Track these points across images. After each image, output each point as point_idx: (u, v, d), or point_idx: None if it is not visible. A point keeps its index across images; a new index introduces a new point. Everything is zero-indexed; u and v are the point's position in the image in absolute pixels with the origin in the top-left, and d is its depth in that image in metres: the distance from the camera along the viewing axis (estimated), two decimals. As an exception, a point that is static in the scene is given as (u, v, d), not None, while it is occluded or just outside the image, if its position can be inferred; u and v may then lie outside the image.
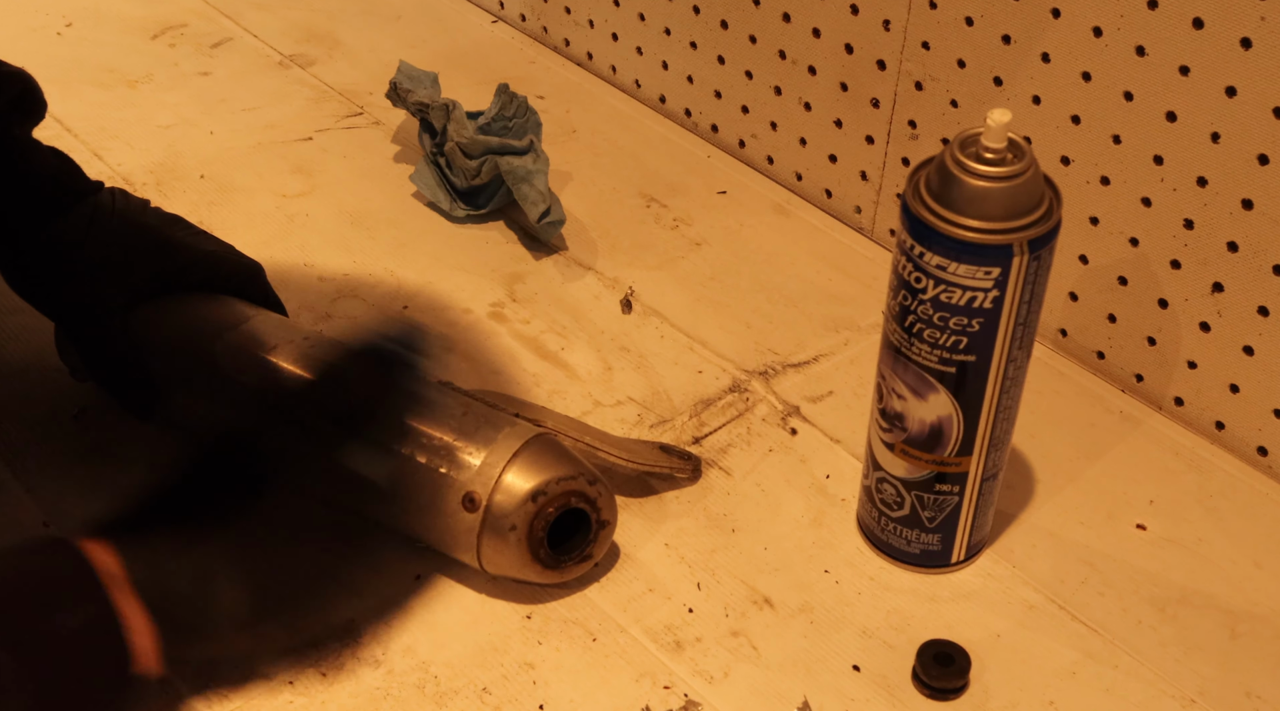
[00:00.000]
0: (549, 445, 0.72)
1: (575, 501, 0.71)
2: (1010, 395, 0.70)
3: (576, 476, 0.71)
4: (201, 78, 1.10)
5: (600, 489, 0.72)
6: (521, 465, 0.70)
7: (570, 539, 0.72)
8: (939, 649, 0.71)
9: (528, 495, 0.70)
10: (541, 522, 0.70)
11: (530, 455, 0.71)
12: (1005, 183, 0.65)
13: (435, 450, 0.71)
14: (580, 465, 0.72)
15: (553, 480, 0.70)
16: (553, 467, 0.71)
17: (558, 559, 0.71)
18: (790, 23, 0.95)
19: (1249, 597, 0.75)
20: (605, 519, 0.72)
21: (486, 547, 0.70)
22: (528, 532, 0.70)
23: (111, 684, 0.61)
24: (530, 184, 0.93)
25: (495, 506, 0.70)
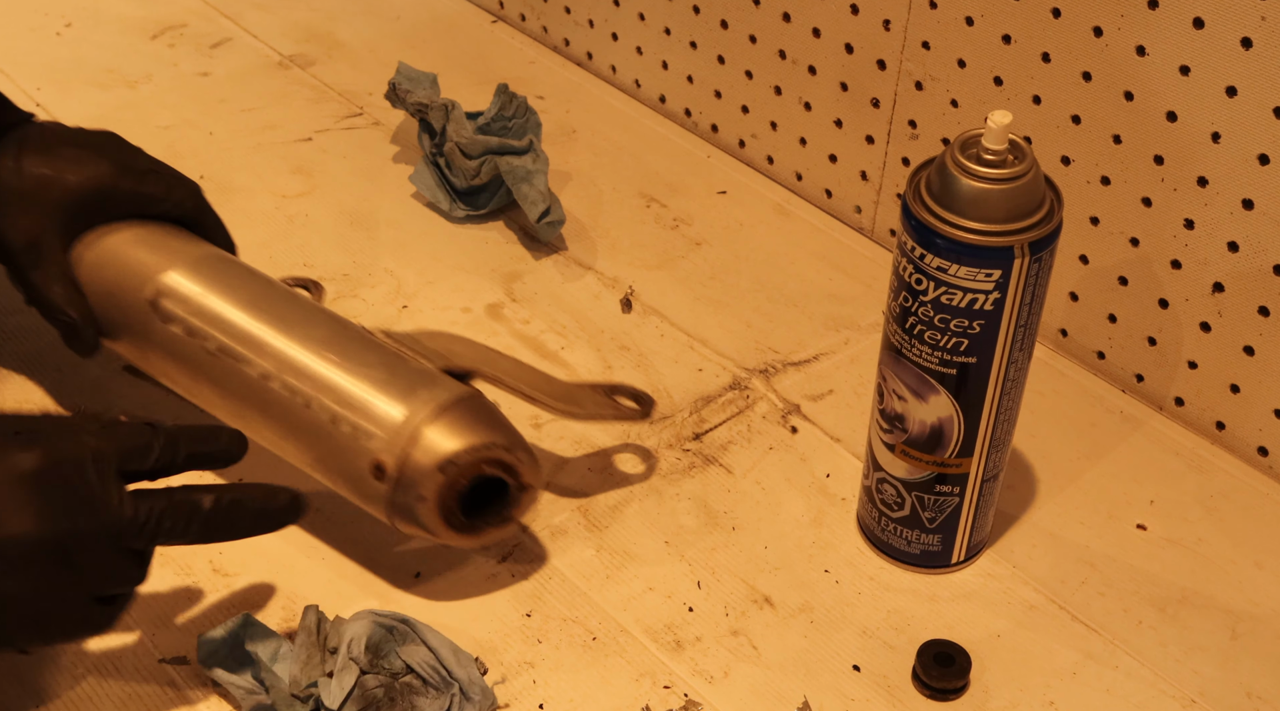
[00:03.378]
0: (467, 409, 0.69)
1: (490, 469, 0.68)
2: (1011, 396, 0.70)
3: (492, 445, 0.68)
4: (201, 78, 1.09)
5: (520, 454, 0.69)
6: (434, 433, 0.68)
7: (491, 502, 0.70)
8: (939, 649, 0.71)
9: (436, 466, 0.67)
10: (453, 494, 0.68)
11: (445, 421, 0.68)
12: (1006, 184, 0.65)
13: (348, 408, 0.69)
14: (498, 431, 0.69)
15: (465, 450, 0.68)
16: (466, 435, 0.68)
17: (473, 525, 0.69)
18: (790, 23, 0.95)
19: (1249, 597, 0.76)
20: (526, 483, 0.70)
21: (398, 515, 0.69)
22: (438, 503, 0.68)
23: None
24: (530, 184, 0.93)
25: (404, 477, 0.68)
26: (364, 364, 0.71)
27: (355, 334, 0.73)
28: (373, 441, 0.68)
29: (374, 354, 0.72)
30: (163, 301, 0.74)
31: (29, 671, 0.68)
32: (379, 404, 0.69)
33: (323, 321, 0.74)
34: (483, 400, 0.71)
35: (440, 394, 0.69)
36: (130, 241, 0.77)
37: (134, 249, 0.77)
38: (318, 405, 0.70)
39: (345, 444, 0.69)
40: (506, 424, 0.70)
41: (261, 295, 0.75)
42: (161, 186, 0.78)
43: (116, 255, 0.76)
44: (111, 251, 0.77)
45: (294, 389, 0.71)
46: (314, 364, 0.71)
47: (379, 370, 0.71)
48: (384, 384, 0.70)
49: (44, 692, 0.68)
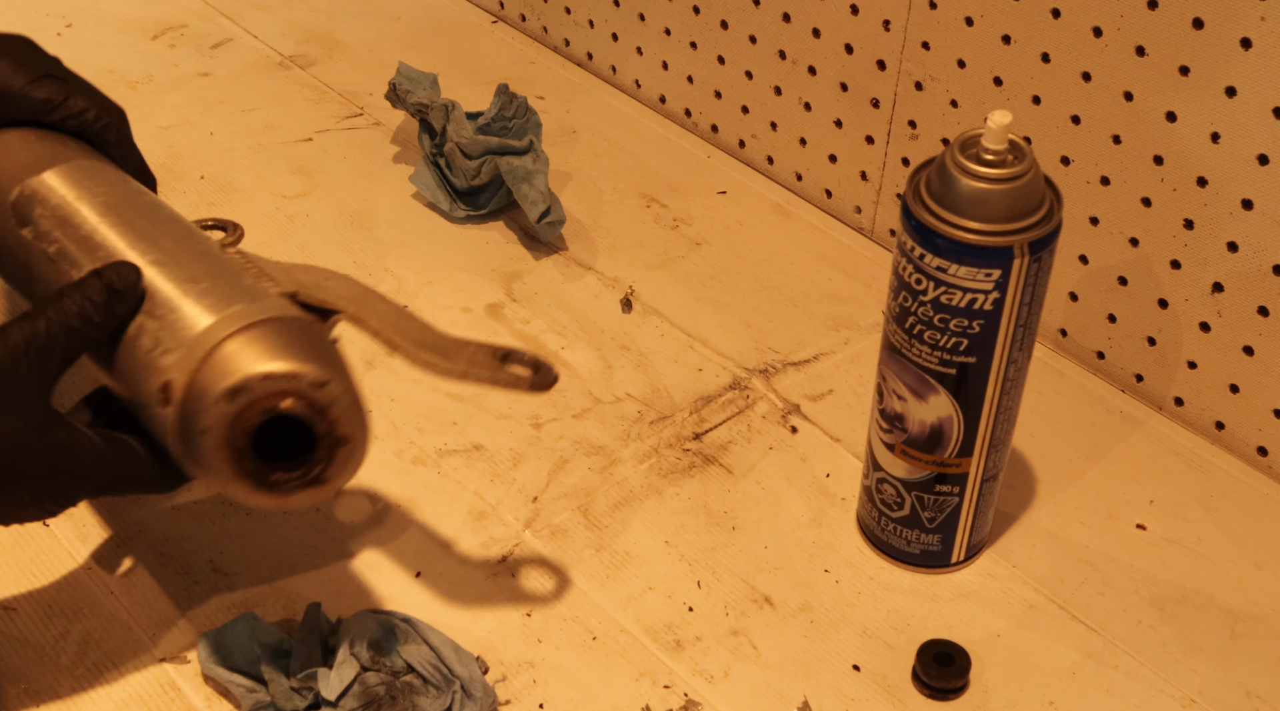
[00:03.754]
0: (278, 331, 0.59)
1: (290, 405, 0.57)
2: (1010, 396, 0.70)
3: (294, 375, 0.57)
4: (201, 78, 1.10)
5: (334, 392, 0.58)
6: (230, 353, 0.57)
7: (298, 456, 0.59)
8: (939, 649, 0.71)
9: (224, 393, 0.57)
10: (241, 429, 0.57)
11: (245, 341, 0.58)
12: (1006, 184, 0.65)
13: (152, 318, 0.60)
14: (312, 361, 0.58)
15: (258, 376, 0.57)
16: (266, 359, 0.57)
17: (271, 477, 0.58)
18: (790, 23, 0.95)
19: (1249, 597, 0.76)
20: (342, 434, 0.58)
21: (186, 452, 0.59)
22: (225, 437, 0.57)
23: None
24: (530, 184, 0.93)
25: (189, 402, 0.57)
26: (190, 277, 0.62)
27: (202, 249, 0.64)
28: (165, 357, 0.59)
29: (206, 266, 0.63)
30: (22, 206, 0.67)
31: (29, 670, 0.69)
32: (183, 316, 0.60)
33: (172, 234, 0.65)
34: (310, 327, 0.61)
35: (254, 310, 0.59)
36: (12, 142, 0.70)
37: (13, 150, 0.70)
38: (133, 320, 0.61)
39: (143, 359, 0.60)
40: (333, 357, 0.59)
41: (118, 203, 0.67)
42: (60, 92, 0.71)
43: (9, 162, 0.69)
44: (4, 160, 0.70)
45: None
46: (145, 263, 0.63)
47: (202, 283, 0.61)
48: (198, 296, 0.61)
49: (44, 692, 0.68)
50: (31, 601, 0.72)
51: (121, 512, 0.76)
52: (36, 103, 0.71)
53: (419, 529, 0.77)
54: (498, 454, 0.81)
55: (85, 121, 0.72)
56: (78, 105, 0.71)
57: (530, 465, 0.81)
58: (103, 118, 0.72)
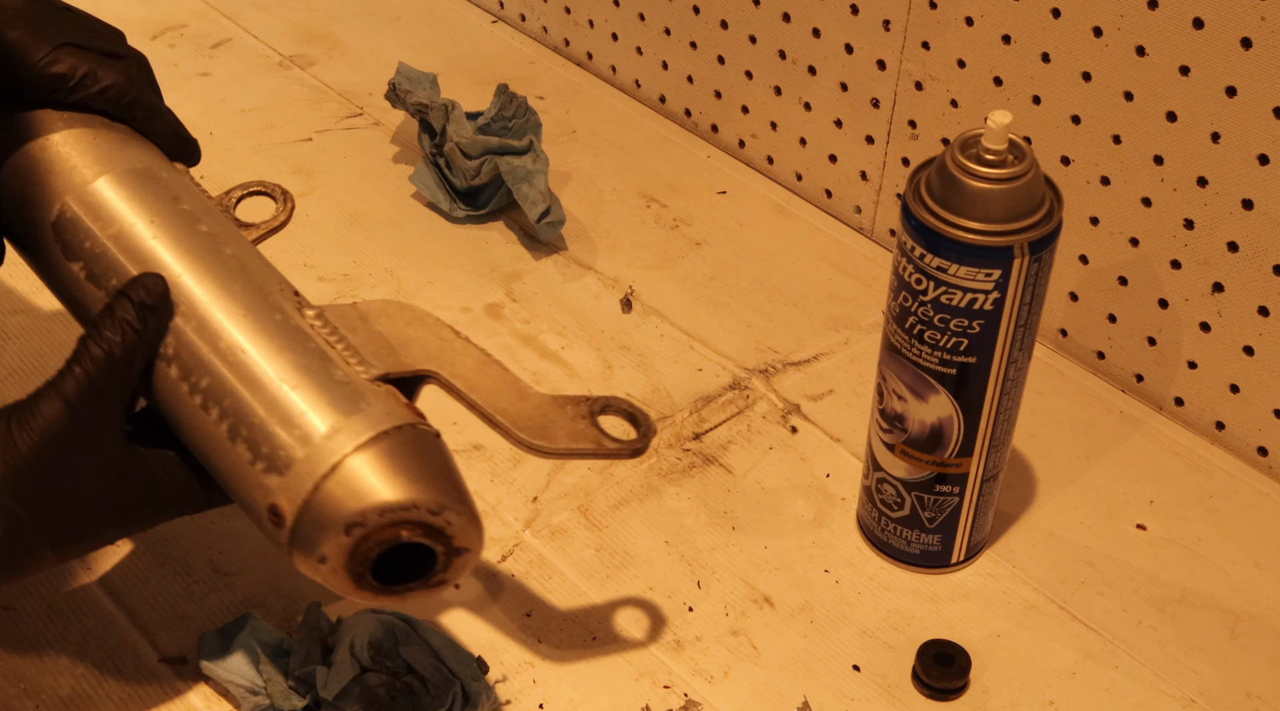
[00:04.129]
0: (390, 451, 0.56)
1: (408, 535, 0.55)
2: (1010, 396, 0.70)
3: (411, 505, 0.55)
4: (201, 78, 1.09)
5: (449, 517, 0.56)
6: (342, 480, 0.55)
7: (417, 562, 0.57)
8: (939, 649, 0.71)
9: (341, 527, 0.55)
10: (360, 560, 0.55)
11: (356, 466, 0.55)
12: (1006, 184, 0.65)
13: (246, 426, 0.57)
14: (426, 484, 0.56)
15: (374, 510, 0.55)
16: (382, 489, 0.55)
17: (393, 590, 0.57)
18: (790, 23, 0.95)
19: (1249, 597, 0.76)
20: (460, 547, 0.57)
21: (301, 568, 0.57)
22: (345, 566, 0.56)
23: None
24: (530, 184, 0.93)
25: (303, 531, 0.55)
26: (279, 366, 0.58)
27: (280, 319, 0.60)
28: (270, 476, 0.56)
29: (294, 352, 0.59)
30: (66, 231, 0.62)
31: (29, 670, 0.69)
32: (281, 429, 0.57)
33: (243, 294, 0.61)
34: (419, 434, 0.58)
35: (361, 423, 0.56)
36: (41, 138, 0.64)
37: (44, 150, 0.64)
38: (216, 410, 0.58)
39: (241, 470, 0.57)
40: (444, 471, 0.57)
41: (177, 243, 0.62)
42: (79, 66, 0.65)
43: (25, 157, 0.64)
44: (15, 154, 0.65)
45: (193, 382, 0.59)
46: (220, 355, 0.59)
47: (296, 378, 0.58)
48: (296, 399, 0.57)
49: (44, 692, 0.68)
50: (31, 601, 0.72)
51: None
52: (52, 81, 0.65)
53: (419, 529, 0.77)
54: (498, 454, 0.81)
55: (108, 99, 0.66)
56: (100, 82, 0.65)
57: (530, 465, 0.81)
58: (128, 92, 0.66)
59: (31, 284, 0.89)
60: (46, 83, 0.64)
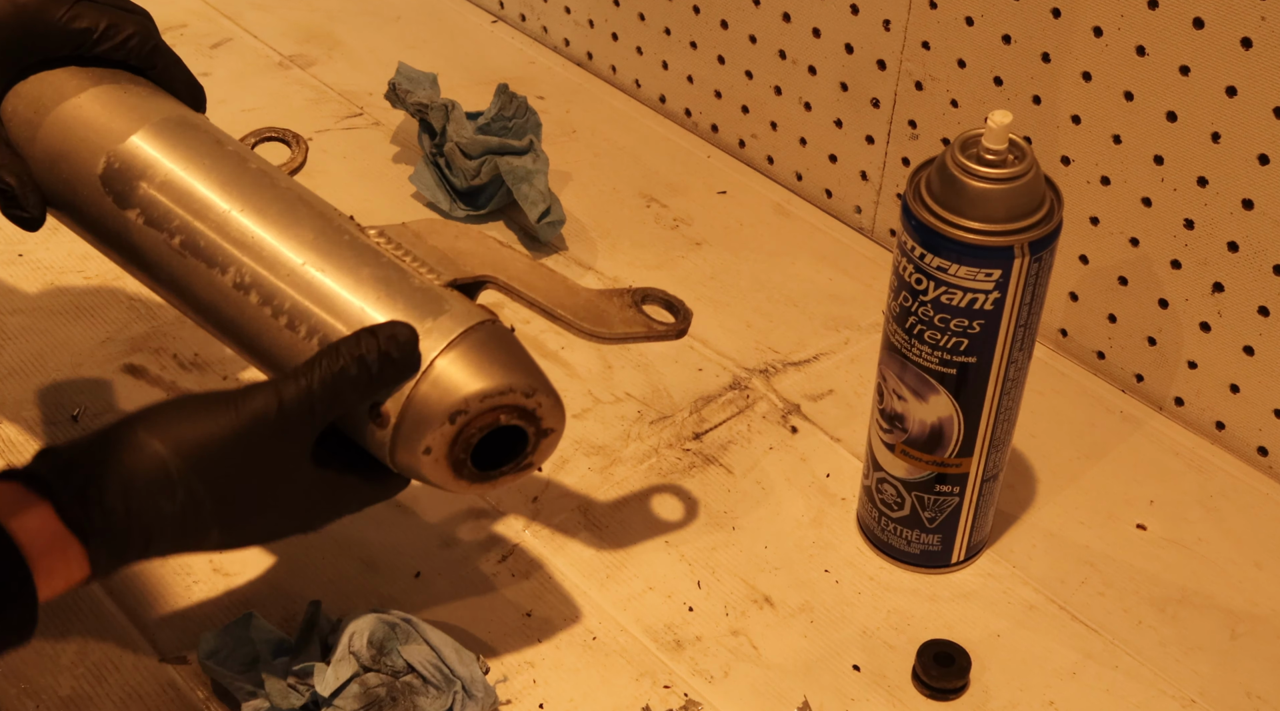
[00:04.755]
0: (481, 343, 0.60)
1: (506, 419, 0.60)
2: (1011, 396, 0.70)
3: (508, 389, 0.59)
4: (201, 78, 1.08)
5: (540, 399, 0.61)
6: (440, 374, 0.59)
7: (506, 447, 0.62)
8: (939, 649, 0.71)
9: (445, 415, 0.59)
10: (462, 446, 0.60)
11: (451, 361, 0.59)
12: (1006, 184, 0.65)
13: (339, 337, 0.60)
14: (517, 371, 0.60)
15: (476, 396, 0.59)
16: (481, 377, 0.59)
17: (488, 475, 0.62)
18: (790, 23, 0.95)
19: (1249, 597, 0.76)
20: (547, 428, 0.62)
21: (401, 464, 0.61)
22: (447, 453, 0.60)
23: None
24: (530, 184, 0.93)
25: (407, 426, 0.59)
26: (358, 279, 0.61)
27: (348, 237, 0.63)
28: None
29: (369, 265, 0.62)
30: (115, 181, 0.64)
31: (29, 670, 0.69)
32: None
33: (308, 219, 0.63)
34: (499, 329, 0.62)
35: (448, 322, 0.60)
36: (74, 95, 0.65)
37: (80, 107, 0.65)
38: (305, 328, 0.61)
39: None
40: (526, 359, 0.61)
41: (234, 178, 0.64)
42: (99, 18, 0.66)
43: (59, 116, 0.65)
44: (52, 109, 0.65)
45: (276, 306, 0.61)
46: (299, 275, 0.61)
47: (377, 287, 0.61)
48: (382, 306, 0.60)
49: (44, 692, 0.68)
50: (31, 601, 0.71)
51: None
52: (77, 35, 0.66)
53: (419, 529, 0.77)
54: (498, 454, 0.81)
55: (130, 49, 0.67)
56: (121, 32, 0.67)
57: (530, 465, 0.81)
58: (148, 41, 0.68)
59: (32, 283, 0.89)
60: (71, 38, 0.65)
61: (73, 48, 0.66)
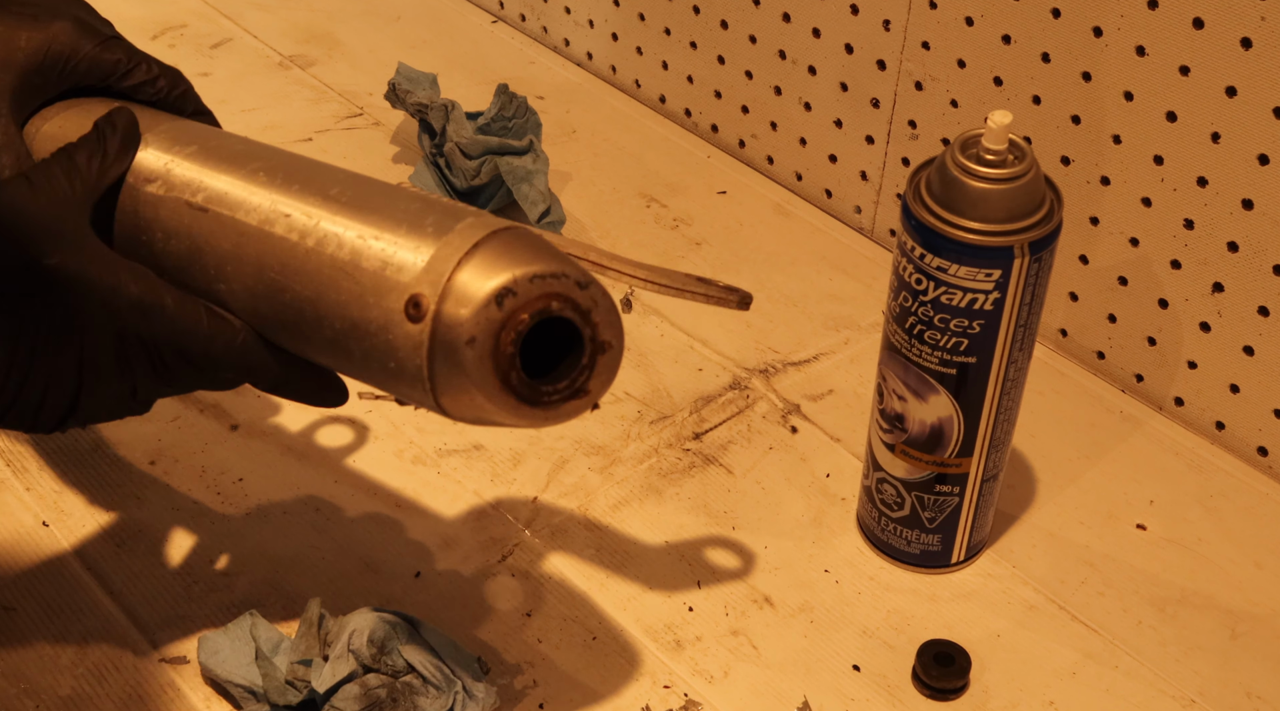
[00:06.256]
0: (524, 237, 0.55)
1: (559, 307, 0.53)
2: (1011, 396, 0.70)
3: (560, 274, 0.53)
4: (201, 78, 1.09)
5: (595, 295, 0.54)
6: (484, 258, 0.53)
7: (557, 367, 0.55)
8: (939, 649, 0.71)
9: (491, 296, 0.52)
10: (510, 334, 0.53)
11: (496, 247, 0.54)
12: (1006, 185, 0.65)
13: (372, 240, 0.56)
14: (567, 262, 0.54)
15: (525, 277, 0.53)
16: (527, 261, 0.53)
17: (538, 389, 0.54)
18: (790, 23, 0.95)
19: (1249, 597, 0.76)
20: (604, 340, 0.55)
21: (441, 371, 0.54)
22: (493, 348, 0.53)
23: None
24: (530, 184, 0.93)
25: (447, 312, 0.53)
26: (388, 199, 0.57)
27: (378, 182, 0.60)
28: (405, 273, 0.54)
29: (398, 194, 0.58)
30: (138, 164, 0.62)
31: (29, 670, 0.69)
32: (410, 234, 0.55)
33: (331, 170, 0.61)
34: (542, 236, 0.56)
35: (486, 221, 0.55)
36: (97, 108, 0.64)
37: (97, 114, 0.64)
38: (334, 242, 0.56)
39: (369, 282, 0.55)
40: (574, 261, 0.55)
41: (257, 149, 0.62)
42: (132, 57, 0.66)
43: (80, 123, 0.64)
44: (74, 118, 0.64)
45: (302, 228, 0.57)
46: (330, 199, 0.58)
47: (407, 202, 0.57)
48: (415, 214, 0.56)
49: (44, 692, 0.68)
50: (31, 601, 0.72)
51: (122, 512, 0.76)
52: (108, 66, 0.65)
53: (419, 529, 0.77)
54: (498, 454, 0.81)
55: (159, 89, 0.66)
56: (151, 71, 0.66)
57: (530, 465, 0.81)
58: (179, 84, 0.67)
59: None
60: (101, 68, 0.65)
61: (101, 78, 0.65)
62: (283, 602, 0.72)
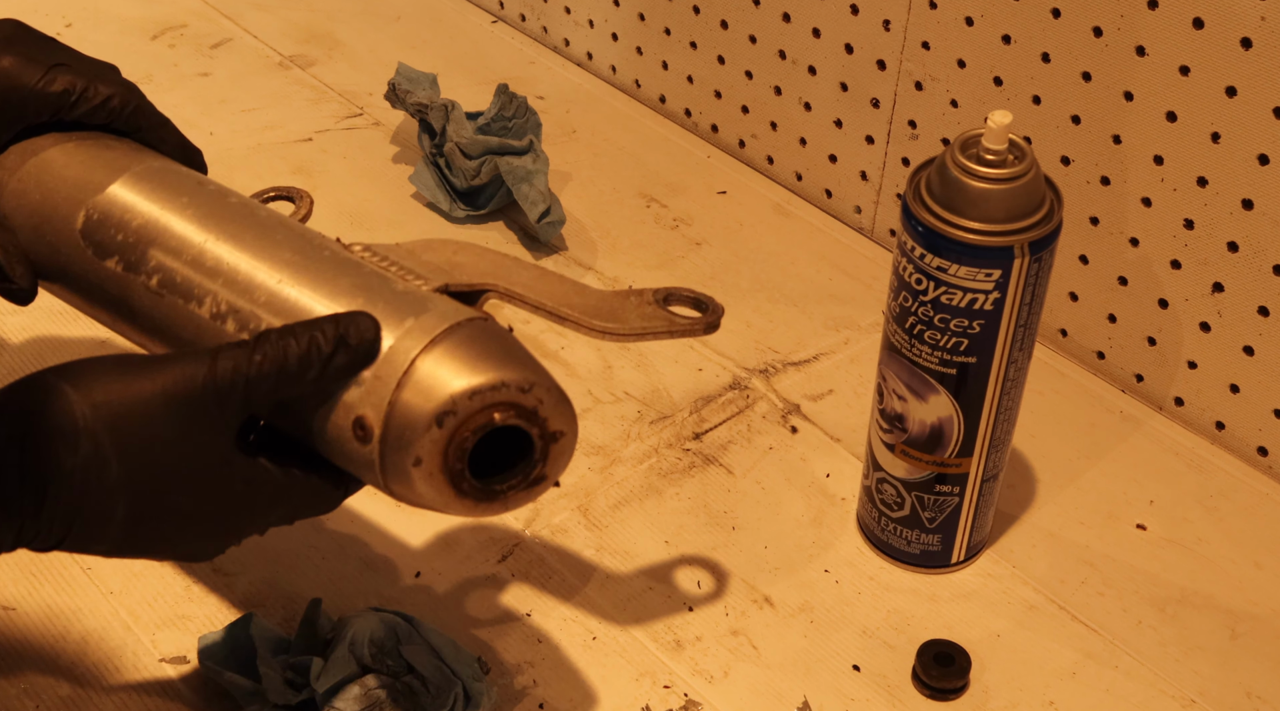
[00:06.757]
0: (467, 338, 0.55)
1: (501, 418, 0.54)
2: (1010, 396, 0.70)
3: (500, 385, 0.53)
4: (201, 78, 1.09)
5: (540, 394, 0.55)
6: (424, 374, 0.53)
7: (513, 458, 0.56)
8: (939, 649, 0.71)
9: (431, 419, 0.53)
10: (456, 450, 0.53)
11: (437, 358, 0.54)
12: (1006, 184, 0.65)
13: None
14: (510, 364, 0.54)
15: (464, 395, 0.53)
16: (468, 372, 0.53)
17: (492, 490, 0.55)
18: (790, 23, 0.95)
19: (1249, 597, 0.76)
20: (555, 430, 0.55)
21: (395, 486, 0.55)
22: (441, 464, 0.54)
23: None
24: (530, 184, 0.93)
25: (392, 435, 0.53)
26: (335, 290, 0.57)
27: (329, 253, 0.59)
28: (350, 391, 0.54)
29: (349, 276, 0.58)
30: (95, 233, 0.61)
31: (29, 670, 0.69)
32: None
33: (286, 241, 0.60)
34: (490, 325, 0.57)
35: (432, 320, 0.55)
36: (54, 158, 0.63)
37: (59, 168, 0.63)
38: None
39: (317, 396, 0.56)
40: (523, 354, 0.56)
41: (212, 213, 0.61)
42: (77, 83, 0.64)
43: (40, 179, 0.63)
44: (33, 174, 0.63)
45: (252, 329, 0.57)
46: (274, 294, 0.57)
47: (354, 296, 0.56)
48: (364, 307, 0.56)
49: (44, 692, 0.68)
50: (31, 601, 0.72)
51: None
52: (54, 98, 0.64)
53: (419, 529, 0.77)
54: (498, 454, 0.81)
55: (112, 110, 0.65)
56: (100, 93, 0.64)
57: (530, 465, 0.80)
58: (130, 101, 0.65)
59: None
60: (49, 102, 0.64)
61: (51, 113, 0.64)
62: (283, 603, 0.72)
